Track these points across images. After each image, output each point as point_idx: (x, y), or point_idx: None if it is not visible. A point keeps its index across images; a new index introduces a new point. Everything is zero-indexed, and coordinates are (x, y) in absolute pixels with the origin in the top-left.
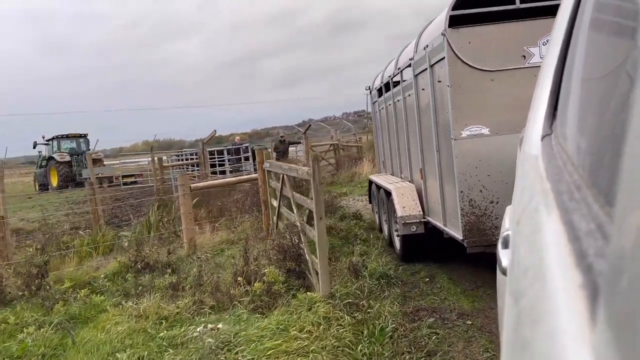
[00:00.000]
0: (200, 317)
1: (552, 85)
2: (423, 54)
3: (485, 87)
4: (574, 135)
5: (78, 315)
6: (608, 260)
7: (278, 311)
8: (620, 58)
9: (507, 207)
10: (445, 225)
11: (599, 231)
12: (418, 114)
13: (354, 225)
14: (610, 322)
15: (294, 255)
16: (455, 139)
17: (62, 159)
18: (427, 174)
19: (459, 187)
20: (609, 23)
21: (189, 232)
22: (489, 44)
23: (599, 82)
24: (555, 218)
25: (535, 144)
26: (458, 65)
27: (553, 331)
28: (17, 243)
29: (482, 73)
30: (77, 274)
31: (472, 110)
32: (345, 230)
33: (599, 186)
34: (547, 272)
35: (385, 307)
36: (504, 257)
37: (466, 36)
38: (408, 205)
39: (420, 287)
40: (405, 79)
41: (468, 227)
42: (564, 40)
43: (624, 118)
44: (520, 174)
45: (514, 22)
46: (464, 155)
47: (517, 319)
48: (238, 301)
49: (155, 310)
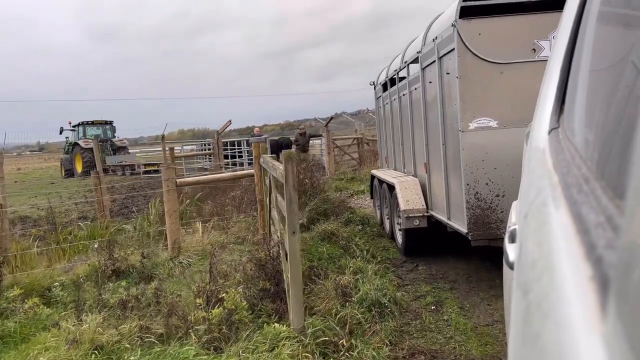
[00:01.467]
0: (144, 348)
1: (560, 79)
2: (432, 46)
3: (494, 80)
4: (582, 128)
5: (13, 333)
6: (618, 252)
7: (235, 348)
8: (628, 51)
9: (514, 202)
10: (450, 219)
11: (608, 223)
12: (424, 108)
13: (358, 232)
14: (621, 313)
15: (271, 272)
16: (462, 131)
17: (86, 146)
18: (432, 168)
19: (465, 180)
20: (616, 15)
21: (173, 233)
22: (499, 37)
23: (606, 75)
24: (563, 211)
25: (542, 137)
26: (468, 56)
27: (563, 323)
28: (23, 231)
29: (491, 65)
30: (39, 277)
31: (481, 103)
32: (346, 239)
33: (608, 179)
34: (556, 265)
35: (369, 350)
36: (511, 251)
37: (477, 28)
38: (412, 199)
39: (422, 318)
40: (412, 73)
41: (473, 220)
42: (572, 34)
43: (632, 110)
44: (527, 167)
45: (525, 15)
46: (471, 147)
47: (525, 311)
48: (193, 330)
49: (91, 336)
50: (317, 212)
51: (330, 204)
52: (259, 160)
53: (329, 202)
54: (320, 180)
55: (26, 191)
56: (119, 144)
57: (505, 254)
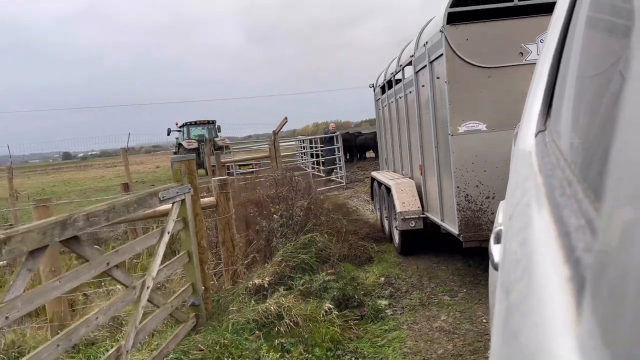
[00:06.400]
0: None
1: (547, 83)
2: (423, 50)
3: (482, 84)
4: (568, 132)
5: None
6: (595, 254)
7: None
8: (615, 57)
9: (501, 202)
10: (443, 221)
11: (588, 226)
12: (419, 111)
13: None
14: (596, 313)
15: None
16: (452, 135)
17: (189, 146)
18: (427, 170)
19: (456, 182)
20: (604, 22)
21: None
22: (487, 41)
23: (593, 80)
24: (546, 213)
25: (529, 140)
26: (456, 61)
27: (540, 322)
28: None
29: (479, 69)
30: None
31: (469, 106)
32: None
33: (590, 182)
34: (536, 266)
35: None
36: (496, 252)
37: (464, 33)
38: (407, 201)
39: None
40: (407, 76)
41: (464, 221)
42: (560, 38)
43: (614, 116)
44: (514, 169)
45: (512, 20)
46: (460, 150)
47: (507, 311)
48: None
49: None
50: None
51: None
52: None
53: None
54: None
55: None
56: (221, 143)
57: (491, 254)
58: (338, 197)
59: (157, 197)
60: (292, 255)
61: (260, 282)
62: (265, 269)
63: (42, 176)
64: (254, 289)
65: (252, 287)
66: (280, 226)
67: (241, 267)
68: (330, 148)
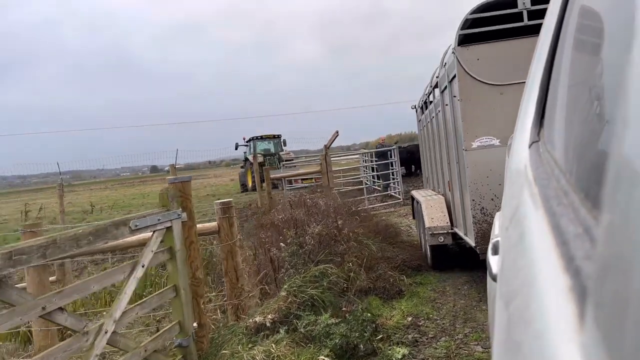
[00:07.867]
0: None
1: (539, 93)
2: (444, 71)
3: (494, 100)
4: (561, 141)
5: None
6: (595, 262)
7: None
8: (605, 64)
9: (497, 214)
10: (466, 234)
11: (586, 235)
12: (445, 129)
13: None
14: (598, 322)
15: None
16: (466, 150)
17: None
18: (453, 186)
19: (471, 196)
20: (593, 30)
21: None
22: (498, 60)
23: (584, 88)
24: (543, 223)
25: (523, 150)
26: (467, 80)
27: (543, 332)
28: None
29: (491, 87)
30: None
31: (483, 123)
32: None
33: (586, 191)
34: (536, 276)
35: None
36: (494, 264)
37: (475, 53)
38: (436, 217)
39: None
40: (436, 97)
41: (480, 234)
42: (550, 50)
43: (608, 123)
44: (509, 180)
45: (522, 39)
46: (475, 165)
47: (508, 322)
48: None
49: None
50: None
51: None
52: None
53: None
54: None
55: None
56: (286, 157)
57: (489, 266)
58: (391, 215)
59: (126, 226)
60: (300, 289)
61: (262, 320)
62: (268, 304)
63: (101, 191)
64: (255, 328)
65: (253, 326)
66: (290, 255)
67: (246, 300)
68: (385, 163)
